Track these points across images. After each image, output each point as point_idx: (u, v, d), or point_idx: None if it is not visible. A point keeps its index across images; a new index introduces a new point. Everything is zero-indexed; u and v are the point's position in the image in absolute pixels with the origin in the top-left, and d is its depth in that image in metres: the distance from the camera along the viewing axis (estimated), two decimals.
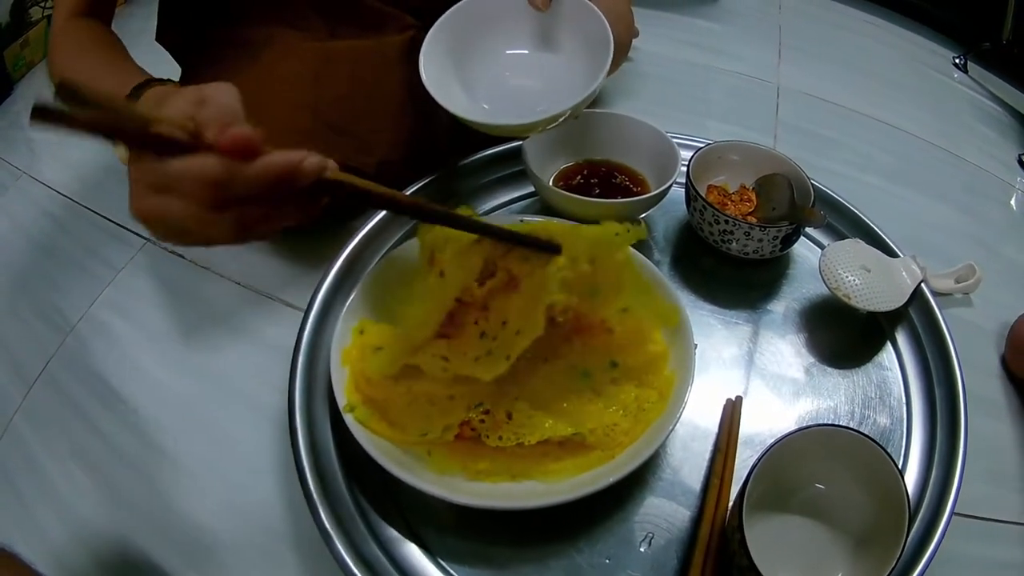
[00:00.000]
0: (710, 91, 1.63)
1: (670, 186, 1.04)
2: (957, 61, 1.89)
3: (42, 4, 2.02)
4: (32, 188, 1.50)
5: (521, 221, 0.99)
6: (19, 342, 1.18)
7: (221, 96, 0.63)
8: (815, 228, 1.05)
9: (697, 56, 1.72)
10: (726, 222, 1.01)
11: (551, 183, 1.12)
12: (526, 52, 1.13)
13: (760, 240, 1.02)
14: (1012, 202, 1.45)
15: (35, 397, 1.10)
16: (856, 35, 1.94)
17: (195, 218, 0.59)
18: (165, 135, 0.56)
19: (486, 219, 0.83)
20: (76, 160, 1.54)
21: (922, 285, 1.03)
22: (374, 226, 1.09)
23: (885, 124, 1.56)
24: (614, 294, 0.86)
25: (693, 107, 1.56)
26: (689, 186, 1.06)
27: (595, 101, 1.39)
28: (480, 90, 1.10)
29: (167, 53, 1.27)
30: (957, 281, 1.14)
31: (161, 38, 1.27)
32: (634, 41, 1.45)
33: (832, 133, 1.52)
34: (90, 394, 1.08)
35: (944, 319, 1.00)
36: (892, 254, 1.07)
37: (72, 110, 0.49)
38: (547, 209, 1.09)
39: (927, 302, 1.02)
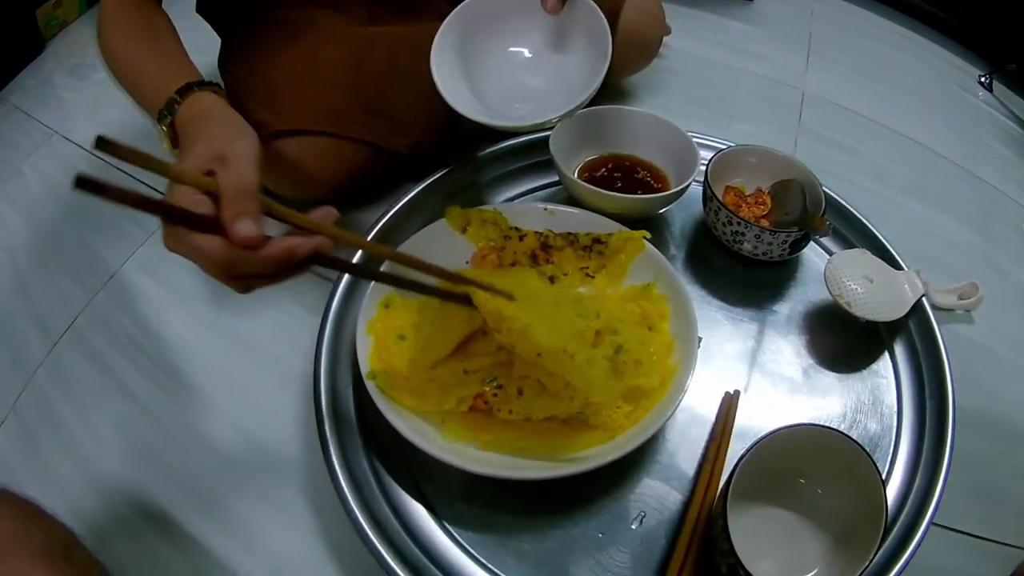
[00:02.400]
0: (736, 92, 1.65)
1: (688, 185, 1.08)
2: (983, 80, 1.89)
3: None
4: (64, 147, 1.52)
5: (546, 210, 1.05)
6: (46, 299, 1.22)
7: (241, 163, 0.73)
8: (822, 237, 1.08)
9: (727, 56, 1.74)
10: (739, 223, 1.05)
11: (576, 173, 1.16)
12: (532, 52, 1.13)
13: (770, 243, 1.06)
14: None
15: (59, 353, 1.14)
16: (886, 47, 1.95)
17: (210, 272, 0.71)
18: (188, 212, 0.67)
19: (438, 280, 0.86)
20: (108, 119, 1.56)
21: (923, 299, 1.06)
22: (403, 206, 1.13)
23: (906, 138, 1.58)
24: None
25: (718, 107, 1.59)
26: (706, 186, 1.09)
27: (625, 95, 1.44)
28: (487, 88, 1.11)
29: (206, 23, 1.30)
30: (960, 298, 1.17)
31: (202, 9, 1.30)
32: (666, 38, 1.47)
33: (852, 142, 1.54)
34: (117, 351, 1.13)
35: (942, 334, 1.03)
36: (897, 266, 1.10)
37: (107, 187, 0.58)
38: (571, 199, 1.13)
39: (926, 316, 1.05)
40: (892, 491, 0.91)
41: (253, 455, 1.01)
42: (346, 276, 1.04)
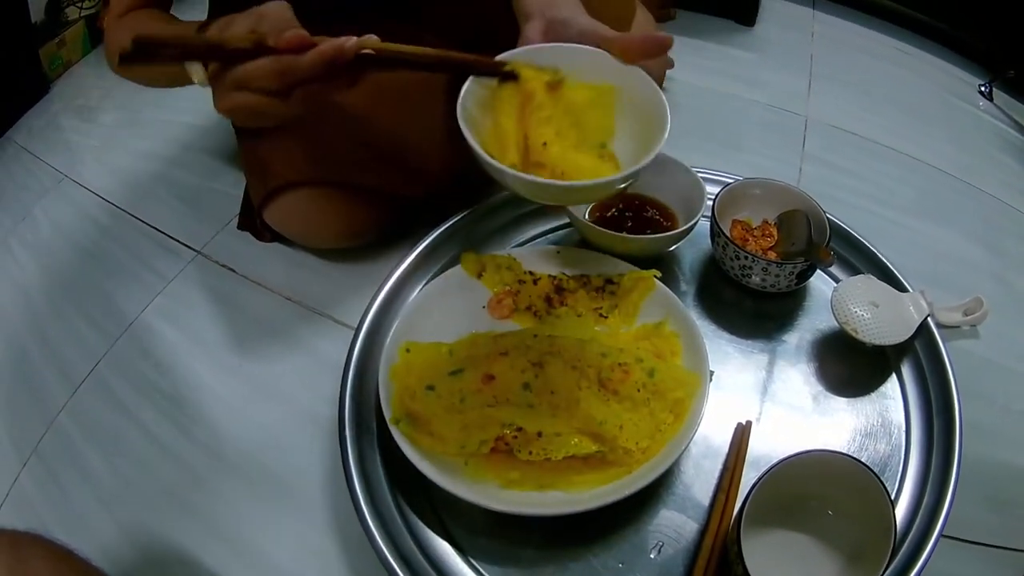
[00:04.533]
0: (740, 123, 1.67)
1: (696, 223, 1.11)
2: (983, 89, 1.91)
3: (79, 4, 2.03)
4: (74, 192, 1.55)
5: (558, 253, 1.10)
6: (65, 344, 1.25)
7: (275, 11, 0.78)
8: (827, 268, 1.10)
9: (729, 86, 1.76)
10: (746, 258, 1.08)
11: (587, 213, 1.18)
12: None
13: (777, 275, 1.08)
14: None
15: (81, 398, 1.17)
16: (886, 63, 1.97)
17: (267, 103, 0.76)
18: (236, 47, 0.74)
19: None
20: (118, 166, 1.60)
21: (928, 319, 1.07)
22: (419, 253, 1.15)
23: (908, 157, 1.60)
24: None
25: (723, 139, 1.60)
26: (713, 223, 1.12)
27: None
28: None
29: None
30: (965, 314, 1.18)
31: None
32: (668, 71, 1.50)
33: (855, 166, 1.55)
34: (140, 396, 1.16)
35: (947, 352, 1.05)
36: (902, 289, 1.12)
37: (165, 43, 0.67)
38: (582, 240, 1.16)
39: (932, 336, 1.07)
40: (902, 509, 0.93)
41: (279, 495, 1.03)
42: (366, 324, 1.06)
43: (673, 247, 1.18)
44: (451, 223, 1.19)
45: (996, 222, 1.48)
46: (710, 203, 1.14)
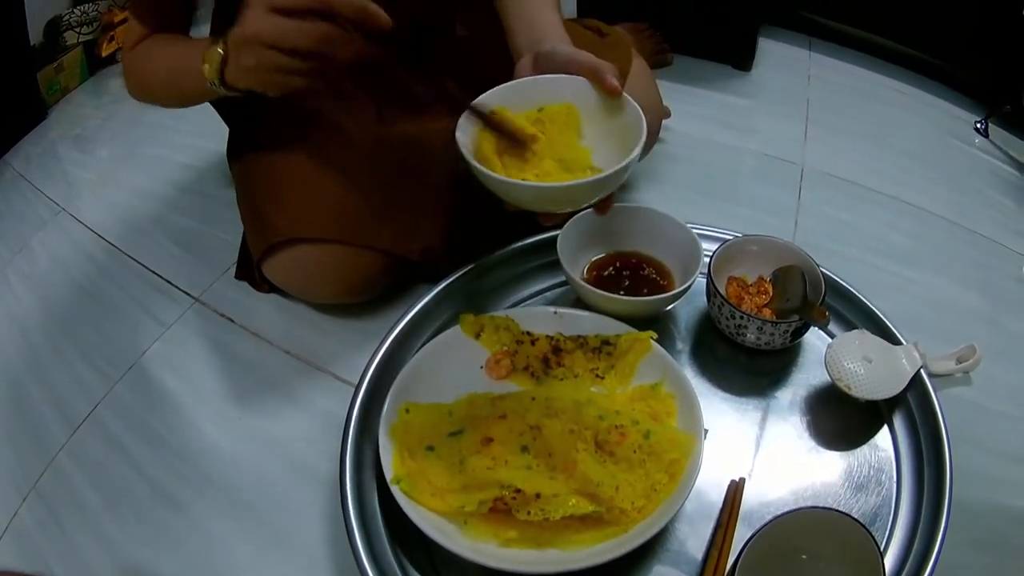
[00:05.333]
0: (737, 174, 1.69)
1: (692, 283, 1.12)
2: (978, 125, 1.93)
3: (77, 29, 2.08)
4: (71, 226, 1.58)
5: (555, 314, 1.11)
6: (64, 383, 1.26)
7: None
8: (821, 328, 1.12)
9: (725, 136, 1.77)
10: (741, 317, 1.10)
11: (584, 273, 1.21)
12: None
13: (772, 334, 1.10)
14: (1022, 272, 1.50)
15: (81, 438, 1.18)
16: (883, 105, 1.98)
17: (295, 65, 0.88)
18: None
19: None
20: (115, 202, 1.63)
21: (921, 371, 1.09)
22: (417, 312, 1.17)
23: (903, 202, 1.61)
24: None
25: (719, 191, 1.62)
26: (709, 282, 1.14)
27: (626, 188, 1.49)
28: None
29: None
30: (958, 361, 1.19)
31: None
32: (665, 121, 1.52)
33: (851, 215, 1.56)
34: (141, 442, 1.17)
35: (939, 402, 1.05)
36: (896, 342, 1.13)
37: None
38: (579, 300, 1.18)
39: (924, 387, 1.08)
40: (893, 558, 0.94)
41: (280, 547, 1.05)
42: (365, 383, 1.08)
43: (668, 307, 1.20)
44: (449, 281, 1.21)
45: (989, 264, 1.50)
46: (707, 259, 1.17)
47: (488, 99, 1.02)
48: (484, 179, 0.94)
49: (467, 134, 0.98)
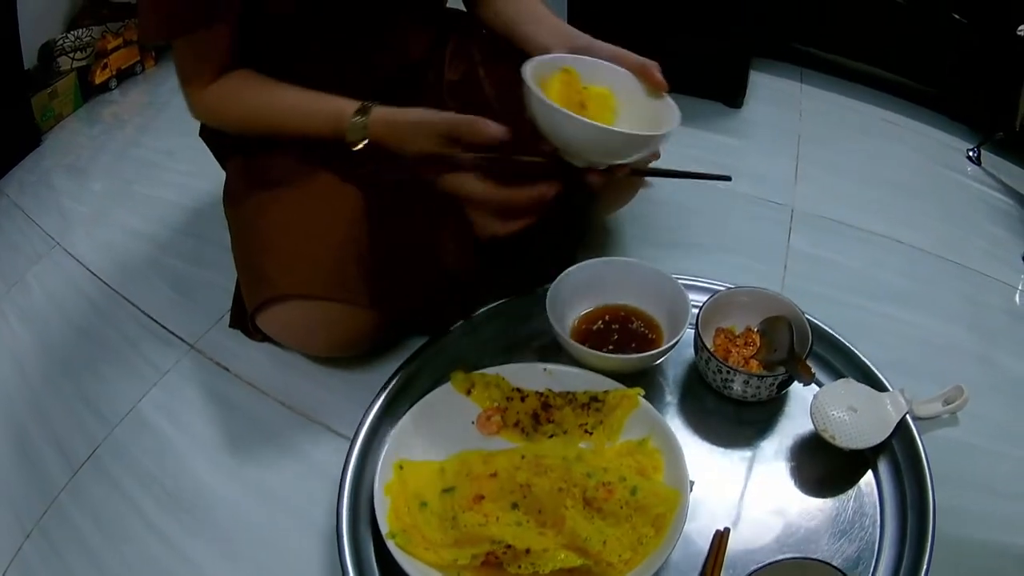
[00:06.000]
0: (727, 219, 1.69)
1: (679, 340, 1.15)
2: (971, 154, 1.95)
3: (71, 55, 2.12)
4: (66, 263, 1.61)
5: (545, 370, 1.14)
6: (63, 423, 1.29)
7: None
8: (806, 385, 1.13)
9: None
10: (728, 371, 1.13)
11: (574, 326, 1.24)
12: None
13: (758, 387, 1.13)
14: (1013, 304, 1.52)
15: (82, 480, 1.20)
16: (874, 138, 2.00)
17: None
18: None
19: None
20: (110, 241, 1.68)
21: (907, 416, 1.11)
22: (411, 368, 1.20)
23: (893, 240, 1.63)
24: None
25: (708, 237, 1.62)
26: (696, 336, 1.16)
27: (614, 234, 1.53)
28: None
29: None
30: (946, 403, 1.20)
31: (204, 132, 1.38)
32: (654, 163, 1.54)
33: (841, 257, 1.57)
34: (140, 487, 1.19)
35: (923, 446, 1.08)
36: (882, 388, 1.16)
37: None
38: (568, 356, 1.19)
39: (909, 432, 1.11)
40: None
41: None
42: (360, 438, 1.11)
43: (656, 362, 1.22)
44: (442, 336, 1.24)
45: (980, 299, 1.51)
46: (695, 310, 1.19)
47: (552, 58, 1.15)
48: (546, 111, 1.03)
49: (533, 77, 1.07)
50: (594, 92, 1.16)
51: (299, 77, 1.19)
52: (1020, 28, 1.79)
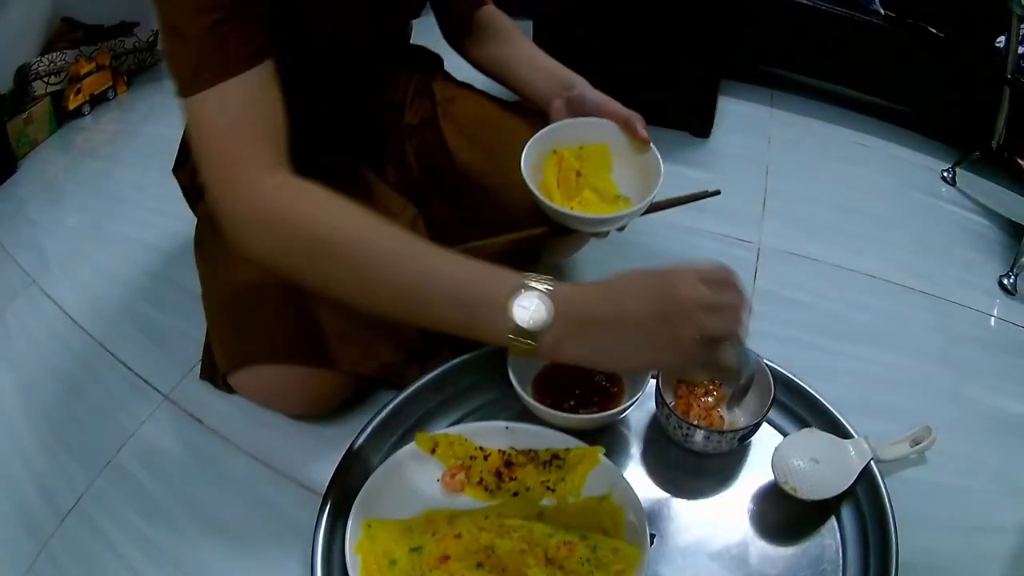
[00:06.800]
0: (691, 259, 1.66)
1: (638, 398, 1.18)
2: (945, 174, 1.97)
3: (45, 79, 2.13)
4: (43, 303, 1.64)
5: (507, 428, 1.17)
6: (47, 470, 1.31)
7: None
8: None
9: (680, 215, 1.65)
10: (688, 427, 1.14)
11: (535, 382, 1.24)
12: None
13: (719, 441, 1.15)
14: (985, 333, 1.55)
15: (70, 527, 1.22)
16: (845, 163, 2.01)
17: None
18: None
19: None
20: (84, 282, 1.69)
21: (871, 463, 1.13)
22: (376, 424, 1.21)
23: (862, 275, 1.65)
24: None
25: None
26: (657, 393, 1.18)
27: (571, 275, 1.58)
28: None
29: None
30: (914, 443, 1.23)
31: (177, 172, 1.40)
32: None
33: (807, 296, 1.59)
34: (125, 537, 1.20)
35: (887, 492, 1.10)
36: (847, 435, 1.17)
37: None
38: (530, 414, 1.21)
39: (873, 478, 1.12)
40: None
41: None
42: (331, 497, 1.12)
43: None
44: (408, 392, 1.25)
45: (951, 330, 1.54)
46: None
47: (542, 136, 1.26)
48: (543, 206, 1.19)
49: (531, 163, 1.23)
50: (590, 150, 1.30)
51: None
52: (998, 40, 1.84)
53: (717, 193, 1.34)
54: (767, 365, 1.19)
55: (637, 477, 1.18)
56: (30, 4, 2.23)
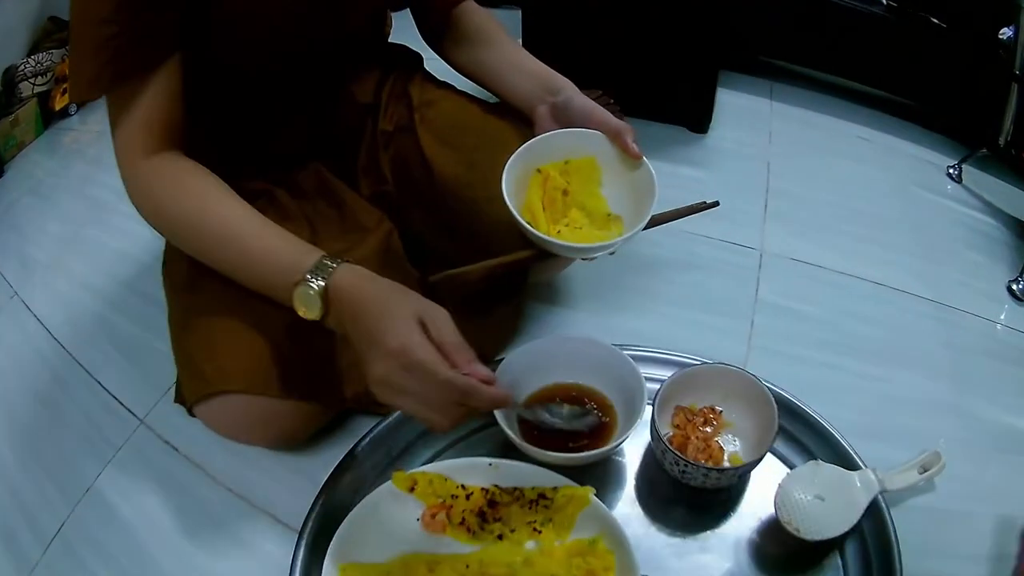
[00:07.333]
0: (691, 268, 1.61)
1: (630, 434, 1.09)
2: (951, 171, 1.89)
3: (32, 80, 2.09)
4: (24, 317, 1.62)
5: (490, 465, 1.09)
6: (31, 496, 1.28)
7: (448, 329, 0.92)
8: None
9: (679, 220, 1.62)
10: (686, 464, 1.06)
11: (523, 405, 1.16)
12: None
13: (719, 478, 1.07)
14: (992, 343, 1.48)
15: (53, 557, 1.19)
16: (847, 159, 1.93)
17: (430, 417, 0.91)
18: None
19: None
20: (63, 294, 1.65)
21: (878, 496, 1.07)
22: (353, 458, 1.16)
23: (867, 282, 1.57)
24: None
25: (670, 291, 1.54)
26: (652, 427, 1.10)
27: (563, 297, 1.54)
28: None
29: None
30: (922, 469, 1.16)
31: None
32: None
33: (811, 308, 1.51)
34: (104, 566, 1.17)
35: (894, 528, 1.05)
36: (853, 466, 1.11)
37: None
38: (514, 449, 1.12)
39: (880, 513, 1.07)
40: None
41: None
42: (307, 535, 1.08)
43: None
44: (386, 422, 1.20)
45: (959, 341, 1.46)
46: (655, 386, 1.14)
47: (524, 152, 1.15)
48: (528, 234, 1.10)
49: (513, 183, 1.13)
50: (576, 165, 1.20)
51: (240, 126, 1.16)
52: (1002, 31, 1.75)
53: (716, 205, 1.25)
54: (770, 390, 1.12)
55: (630, 514, 1.12)
56: (18, 4, 2.20)
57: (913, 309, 1.53)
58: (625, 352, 1.19)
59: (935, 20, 1.90)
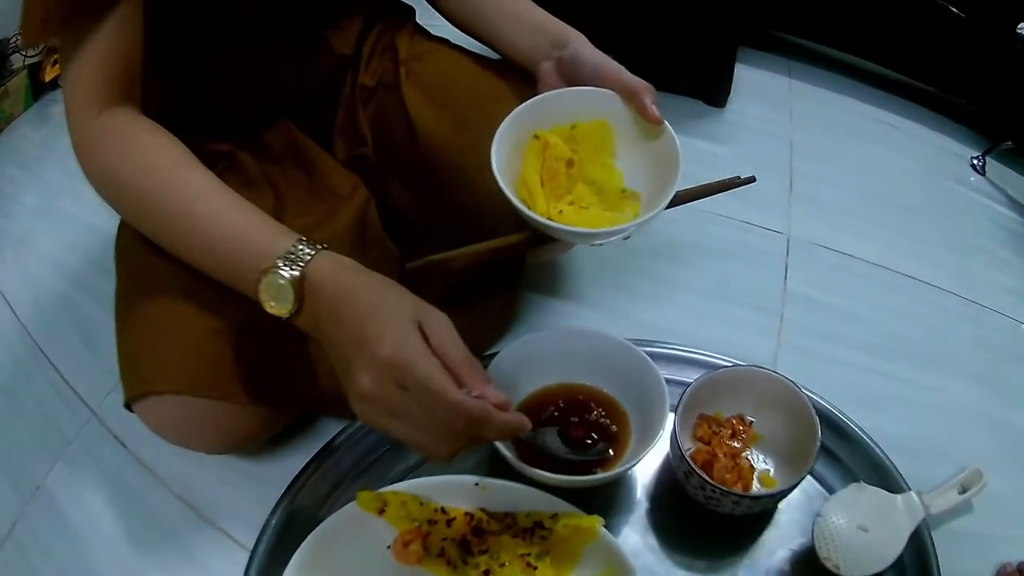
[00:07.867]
0: (713, 252, 1.49)
1: (651, 448, 0.92)
2: (975, 162, 1.81)
3: (23, 52, 2.03)
4: None
5: (477, 485, 0.92)
6: None
7: (453, 341, 0.74)
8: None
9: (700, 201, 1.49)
10: (713, 490, 0.89)
11: (519, 408, 0.99)
12: None
13: (751, 506, 0.91)
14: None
15: (7, 557, 1.11)
16: (870, 143, 1.83)
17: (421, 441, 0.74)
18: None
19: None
20: (32, 273, 1.55)
21: (922, 524, 0.95)
22: (316, 475, 1.05)
23: (898, 274, 1.46)
24: None
25: (692, 283, 1.41)
26: (674, 444, 0.93)
27: (571, 284, 1.41)
28: None
29: None
30: (963, 489, 1.05)
31: None
32: None
33: (842, 301, 1.39)
34: (51, 570, 1.09)
35: (935, 554, 0.95)
36: (896, 488, 0.99)
37: None
38: (506, 465, 0.95)
39: (923, 542, 0.96)
40: None
41: None
42: (260, 552, 0.98)
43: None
44: (351, 431, 1.08)
45: (994, 343, 1.37)
46: (678, 390, 0.98)
47: (521, 114, 0.95)
48: (522, 215, 0.90)
49: (505, 153, 0.93)
50: (585, 130, 0.99)
51: (202, 76, 1.05)
52: (1020, 26, 1.70)
53: (752, 180, 1.06)
54: (809, 397, 0.98)
55: (640, 543, 0.97)
56: None
57: (945, 306, 1.42)
58: (641, 349, 1.02)
59: (954, 10, 1.81)
